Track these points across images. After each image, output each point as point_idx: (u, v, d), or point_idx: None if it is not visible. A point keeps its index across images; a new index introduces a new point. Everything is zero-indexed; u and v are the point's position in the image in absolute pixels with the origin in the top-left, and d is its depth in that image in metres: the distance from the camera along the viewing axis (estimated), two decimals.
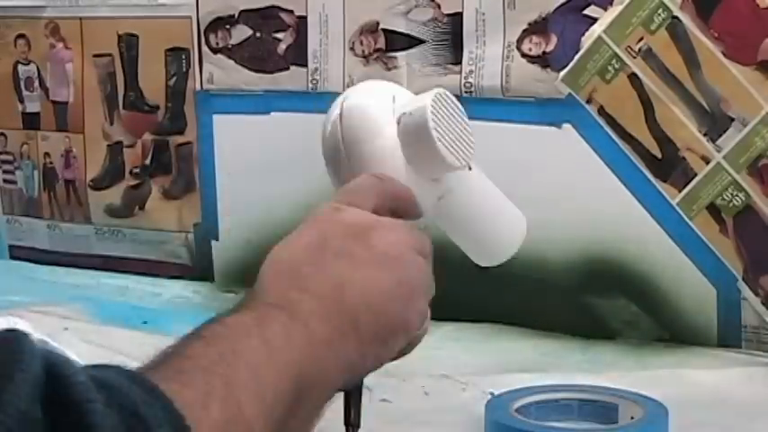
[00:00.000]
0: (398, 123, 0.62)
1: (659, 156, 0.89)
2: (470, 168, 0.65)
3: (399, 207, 0.59)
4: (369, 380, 0.78)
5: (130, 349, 0.82)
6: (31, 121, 1.25)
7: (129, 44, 1.16)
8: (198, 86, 1.12)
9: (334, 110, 0.64)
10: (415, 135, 0.61)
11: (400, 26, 1.00)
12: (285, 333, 0.49)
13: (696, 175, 0.88)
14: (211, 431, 0.42)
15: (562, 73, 0.91)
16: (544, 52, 0.94)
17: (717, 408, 0.76)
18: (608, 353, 0.90)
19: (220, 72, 1.11)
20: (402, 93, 0.65)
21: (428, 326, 0.59)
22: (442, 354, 0.90)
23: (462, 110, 0.63)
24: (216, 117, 1.12)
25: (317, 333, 0.50)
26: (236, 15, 1.09)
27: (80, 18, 1.19)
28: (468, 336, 0.94)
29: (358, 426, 0.57)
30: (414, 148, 0.61)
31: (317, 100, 1.05)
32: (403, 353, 0.57)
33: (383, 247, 0.55)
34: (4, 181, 1.27)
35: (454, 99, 0.63)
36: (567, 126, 0.93)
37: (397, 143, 0.61)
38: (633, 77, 0.89)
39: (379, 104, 0.64)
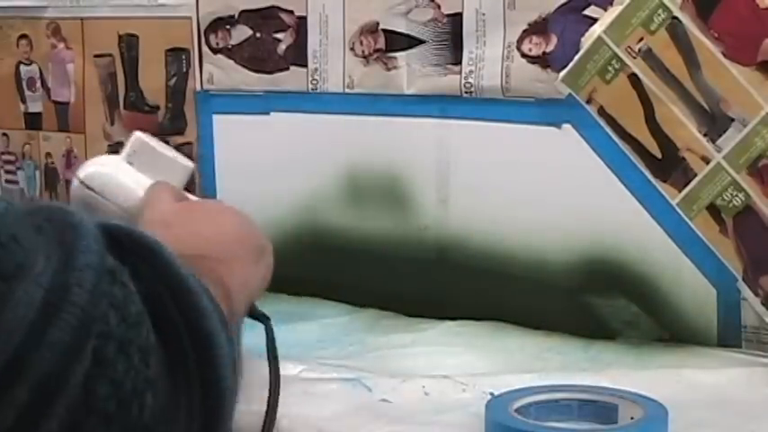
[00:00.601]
0: (130, 163, 0.79)
1: (659, 156, 0.89)
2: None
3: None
4: (369, 380, 0.79)
5: None
6: (32, 122, 1.25)
7: (129, 44, 1.17)
8: (198, 87, 1.12)
9: (76, 183, 0.80)
10: (141, 155, 0.79)
11: (400, 26, 1.00)
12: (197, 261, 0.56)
13: (696, 175, 0.88)
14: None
15: (562, 73, 0.91)
16: (544, 52, 0.94)
17: (717, 408, 0.76)
18: (608, 353, 0.90)
19: (220, 72, 1.11)
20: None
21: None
22: (443, 354, 0.90)
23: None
24: (216, 117, 1.12)
25: (210, 260, 0.58)
26: (236, 15, 1.09)
27: (81, 18, 1.19)
28: (468, 336, 0.94)
29: (265, 316, 0.71)
30: (149, 166, 0.77)
31: (317, 100, 1.05)
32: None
33: (209, 204, 0.73)
34: (6, 181, 1.28)
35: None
36: (566, 126, 0.93)
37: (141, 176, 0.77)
38: (633, 77, 0.89)
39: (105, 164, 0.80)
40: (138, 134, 0.80)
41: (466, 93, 0.97)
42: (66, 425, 0.39)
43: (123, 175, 0.77)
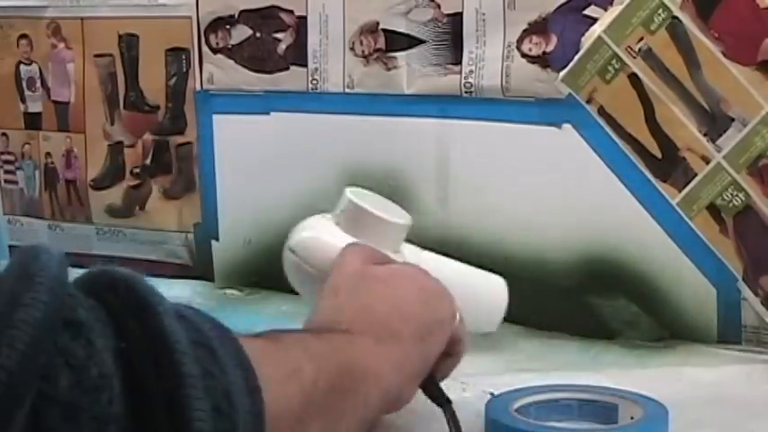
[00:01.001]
0: (338, 224, 0.75)
1: (659, 156, 0.89)
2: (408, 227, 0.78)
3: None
4: None
5: None
6: (32, 121, 1.25)
7: (129, 44, 1.17)
8: (198, 86, 1.12)
9: (286, 252, 0.77)
10: (350, 216, 0.75)
11: (400, 26, 1.00)
12: (333, 337, 0.57)
13: (696, 175, 0.88)
14: (272, 383, 0.46)
15: (562, 73, 0.92)
16: (544, 52, 0.94)
17: (717, 407, 0.76)
18: (608, 353, 0.90)
19: (220, 72, 1.11)
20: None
21: (461, 326, 0.67)
22: None
23: (376, 194, 0.78)
24: (216, 117, 1.12)
25: (357, 337, 0.57)
26: (236, 15, 1.09)
27: (81, 18, 1.19)
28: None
29: (446, 400, 0.66)
30: (358, 227, 0.74)
31: (317, 100, 1.05)
32: (451, 353, 0.67)
33: (393, 271, 0.66)
34: (6, 181, 1.28)
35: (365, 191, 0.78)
36: (566, 126, 0.93)
37: (347, 238, 0.72)
38: (633, 77, 0.89)
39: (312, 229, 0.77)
40: (347, 193, 0.76)
41: (466, 93, 0.97)
42: None
43: (330, 239, 0.72)
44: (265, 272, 1.10)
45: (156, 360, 0.40)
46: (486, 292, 0.80)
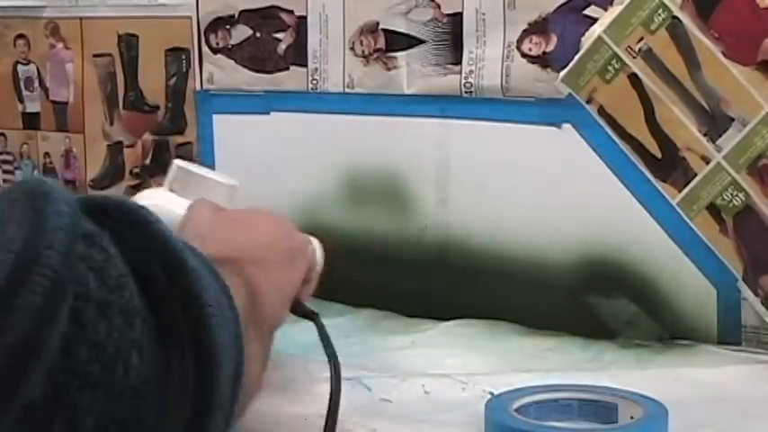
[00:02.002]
0: (172, 191, 0.80)
1: (659, 156, 0.89)
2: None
3: None
4: (369, 380, 0.79)
5: None
6: (30, 122, 1.25)
7: (129, 44, 1.17)
8: (198, 86, 1.12)
9: None
10: (181, 181, 0.79)
11: (400, 26, 1.00)
12: (224, 265, 0.56)
13: (696, 175, 0.88)
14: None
15: (562, 73, 0.91)
16: (544, 52, 0.94)
17: (717, 407, 0.76)
18: (608, 352, 0.90)
19: (220, 72, 1.11)
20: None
21: (314, 254, 0.75)
22: (443, 353, 0.90)
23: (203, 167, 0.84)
24: (216, 117, 1.12)
25: (243, 265, 0.59)
26: (236, 15, 1.09)
27: (80, 18, 1.19)
28: (468, 335, 0.94)
29: (313, 314, 0.72)
30: (189, 190, 0.78)
31: (317, 100, 1.05)
32: (308, 279, 0.72)
33: (244, 212, 0.71)
34: (4, 181, 1.27)
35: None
36: (566, 126, 0.93)
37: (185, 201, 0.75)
38: (633, 77, 0.89)
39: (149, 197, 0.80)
40: (176, 162, 0.82)
41: (466, 93, 0.97)
42: (48, 388, 0.39)
43: (168, 204, 0.77)
44: None
45: (162, 260, 0.45)
46: None
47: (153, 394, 0.42)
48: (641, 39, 0.87)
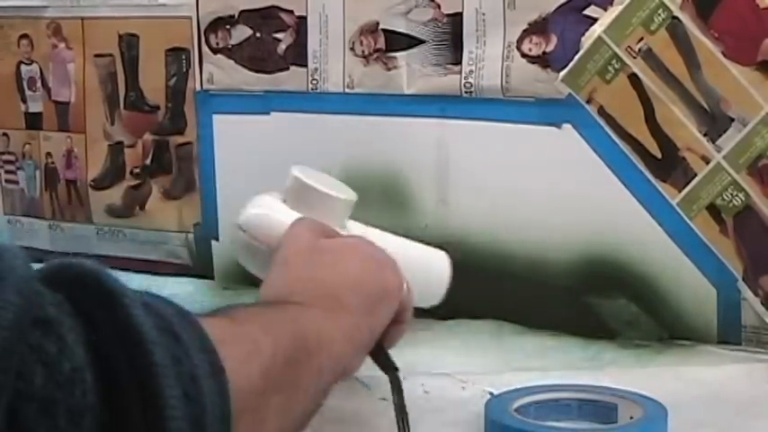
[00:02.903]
0: (285, 201, 0.77)
1: (659, 156, 0.89)
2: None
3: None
4: (368, 379, 0.79)
5: None
6: (33, 121, 1.25)
7: (129, 44, 1.17)
8: (198, 86, 1.12)
9: (235, 230, 0.78)
10: (297, 193, 0.76)
11: (400, 26, 1.00)
12: (285, 308, 0.58)
13: (696, 175, 0.88)
14: (234, 362, 0.47)
15: (562, 73, 0.91)
16: (544, 52, 0.94)
17: (717, 407, 0.76)
18: (608, 352, 0.90)
19: (220, 72, 1.11)
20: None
21: (408, 295, 0.70)
22: (443, 352, 0.90)
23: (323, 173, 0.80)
24: (216, 117, 1.12)
25: (308, 308, 0.58)
26: (236, 15, 1.09)
27: (81, 18, 1.19)
28: (468, 335, 0.94)
29: (395, 367, 0.68)
30: (304, 203, 0.75)
31: (317, 100, 1.05)
32: (399, 322, 0.68)
33: (340, 243, 0.69)
34: (6, 181, 1.28)
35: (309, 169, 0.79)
36: (567, 126, 0.93)
37: (295, 214, 0.73)
38: (633, 77, 0.89)
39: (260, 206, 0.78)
40: (294, 170, 0.78)
41: (466, 93, 0.97)
42: None
43: (277, 216, 0.74)
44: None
45: (127, 351, 0.41)
46: (429, 266, 0.81)
47: None
48: (641, 39, 0.87)
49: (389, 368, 0.68)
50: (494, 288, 0.97)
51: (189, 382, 0.42)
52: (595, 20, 0.90)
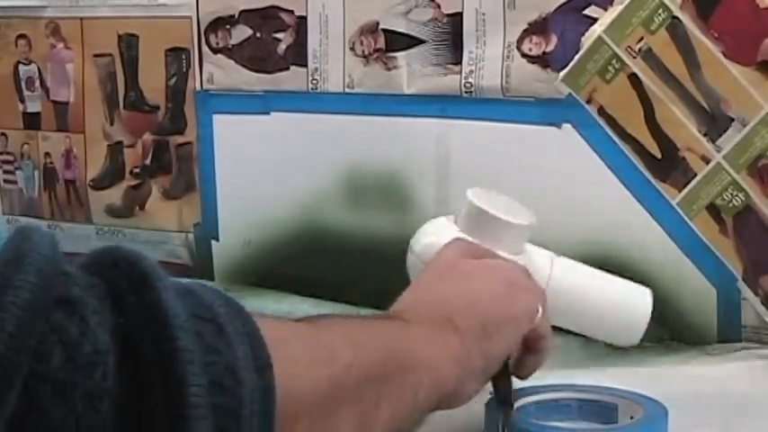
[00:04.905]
0: (457, 224, 0.73)
1: (659, 156, 0.89)
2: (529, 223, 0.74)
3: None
4: None
5: None
6: (31, 121, 1.25)
7: (129, 44, 1.17)
8: (198, 86, 1.12)
9: (409, 254, 0.75)
10: (470, 217, 0.72)
11: (400, 26, 1.00)
12: (383, 323, 0.56)
13: (696, 175, 0.88)
14: (294, 363, 0.46)
15: (562, 73, 0.92)
16: (544, 52, 0.94)
17: (717, 407, 0.76)
18: (608, 352, 0.90)
19: (220, 72, 1.11)
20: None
21: (544, 323, 0.65)
22: None
23: (500, 194, 0.75)
24: (216, 117, 1.12)
25: (413, 325, 0.56)
26: (236, 15, 1.09)
27: (80, 18, 1.19)
28: None
29: (509, 404, 0.65)
30: (476, 228, 0.71)
31: (317, 100, 1.05)
32: (535, 350, 0.65)
33: (482, 264, 0.65)
34: (5, 181, 1.28)
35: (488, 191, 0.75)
36: (566, 126, 0.93)
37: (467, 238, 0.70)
38: (633, 77, 0.89)
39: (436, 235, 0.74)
40: (470, 195, 0.74)
41: (466, 92, 0.97)
42: None
43: (445, 241, 0.70)
44: (265, 272, 1.10)
45: (153, 334, 0.40)
46: (626, 303, 0.76)
47: None
48: (641, 39, 0.88)
49: (504, 403, 0.65)
50: None
51: (224, 372, 0.41)
52: (595, 20, 0.90)
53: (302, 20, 1.05)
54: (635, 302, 0.76)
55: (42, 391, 0.37)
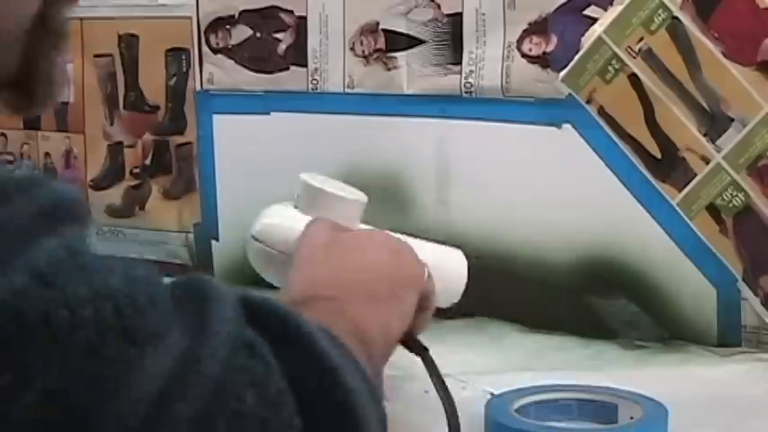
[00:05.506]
0: (296, 207, 0.76)
1: (659, 156, 0.89)
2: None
3: None
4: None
5: None
6: (31, 122, 1.25)
7: (129, 44, 1.16)
8: (198, 86, 1.12)
9: (249, 241, 0.78)
10: (307, 197, 0.76)
11: (400, 26, 1.00)
12: (324, 305, 0.57)
13: (696, 175, 0.88)
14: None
15: (562, 73, 0.91)
16: (544, 52, 0.94)
17: (717, 407, 0.76)
18: (608, 352, 0.90)
19: (220, 72, 1.11)
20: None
21: (429, 280, 0.69)
22: (442, 352, 0.89)
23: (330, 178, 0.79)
24: (216, 117, 1.12)
25: (344, 303, 0.58)
26: (236, 15, 1.09)
27: (80, 18, 1.19)
28: (468, 335, 0.94)
29: (425, 349, 0.69)
30: (315, 207, 0.74)
31: (317, 100, 1.05)
32: (424, 308, 0.68)
33: (359, 236, 0.69)
34: None
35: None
36: (566, 126, 0.93)
37: (308, 219, 0.72)
38: (633, 77, 0.89)
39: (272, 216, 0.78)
40: (302, 177, 0.78)
41: (466, 93, 0.97)
42: None
43: (291, 222, 0.74)
44: None
45: (320, 378, 0.43)
46: (446, 265, 0.79)
47: None
48: (641, 39, 0.87)
49: (421, 350, 0.69)
50: (494, 288, 0.97)
51: (373, 397, 0.45)
52: (595, 20, 0.90)
53: (302, 20, 1.05)
54: (450, 264, 0.80)
55: (243, 428, 0.39)
